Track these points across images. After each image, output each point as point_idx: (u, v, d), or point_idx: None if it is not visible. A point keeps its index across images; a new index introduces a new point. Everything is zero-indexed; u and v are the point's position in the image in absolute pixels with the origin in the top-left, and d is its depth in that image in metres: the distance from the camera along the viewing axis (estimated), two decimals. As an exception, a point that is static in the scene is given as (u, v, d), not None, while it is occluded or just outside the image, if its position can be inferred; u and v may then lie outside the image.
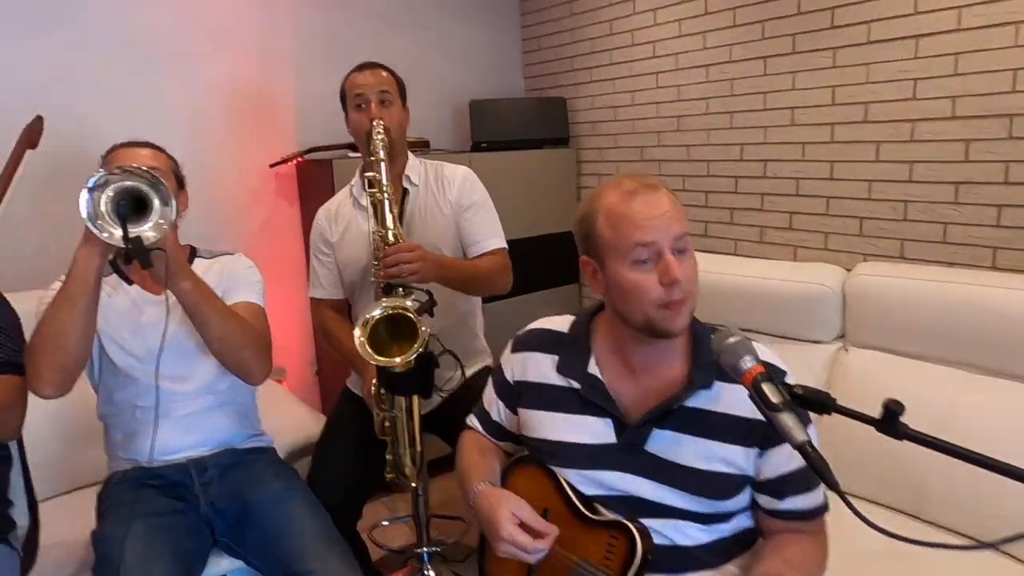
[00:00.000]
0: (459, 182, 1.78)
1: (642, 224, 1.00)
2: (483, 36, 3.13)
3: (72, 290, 1.21)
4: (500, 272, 1.75)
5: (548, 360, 1.17)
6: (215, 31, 2.45)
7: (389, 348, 1.48)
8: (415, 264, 1.48)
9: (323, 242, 1.82)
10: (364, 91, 1.68)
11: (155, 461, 1.43)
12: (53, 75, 2.16)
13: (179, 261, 1.29)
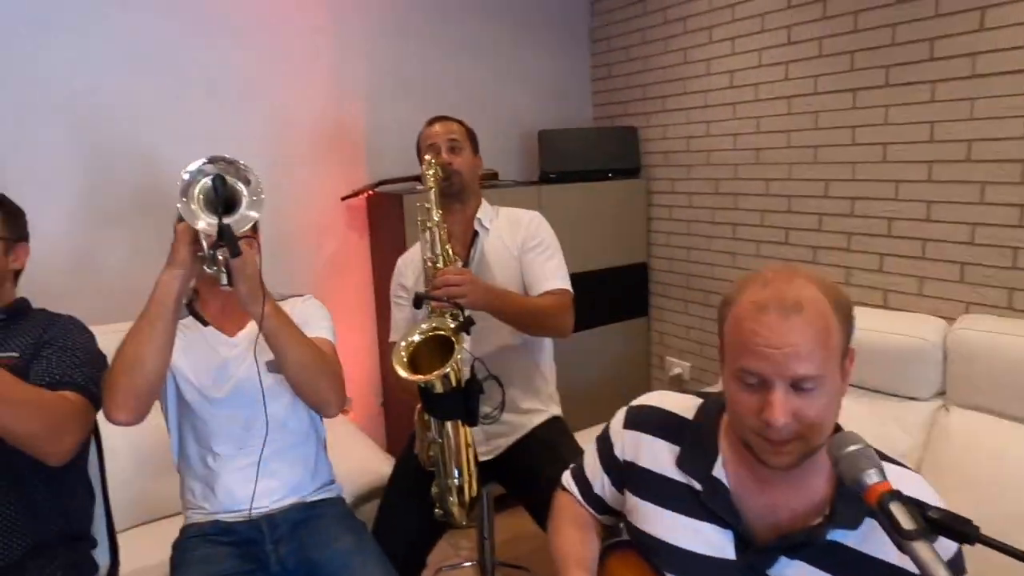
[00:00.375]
0: (526, 223, 1.77)
1: (755, 349, 0.86)
2: (552, 65, 3.10)
3: (152, 313, 1.23)
4: (558, 311, 1.67)
5: (667, 449, 1.06)
6: (289, 66, 2.50)
7: (430, 370, 1.43)
8: (463, 287, 1.45)
9: (401, 287, 1.84)
10: (434, 140, 1.75)
11: (226, 513, 1.43)
12: (141, 111, 2.24)
13: (259, 285, 1.28)
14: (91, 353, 1.36)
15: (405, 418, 2.68)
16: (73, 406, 1.26)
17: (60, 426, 1.22)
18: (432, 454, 1.53)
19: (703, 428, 1.05)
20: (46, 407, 1.20)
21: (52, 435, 1.20)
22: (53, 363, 1.30)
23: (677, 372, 3.03)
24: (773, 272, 0.92)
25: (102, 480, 1.60)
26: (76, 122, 2.16)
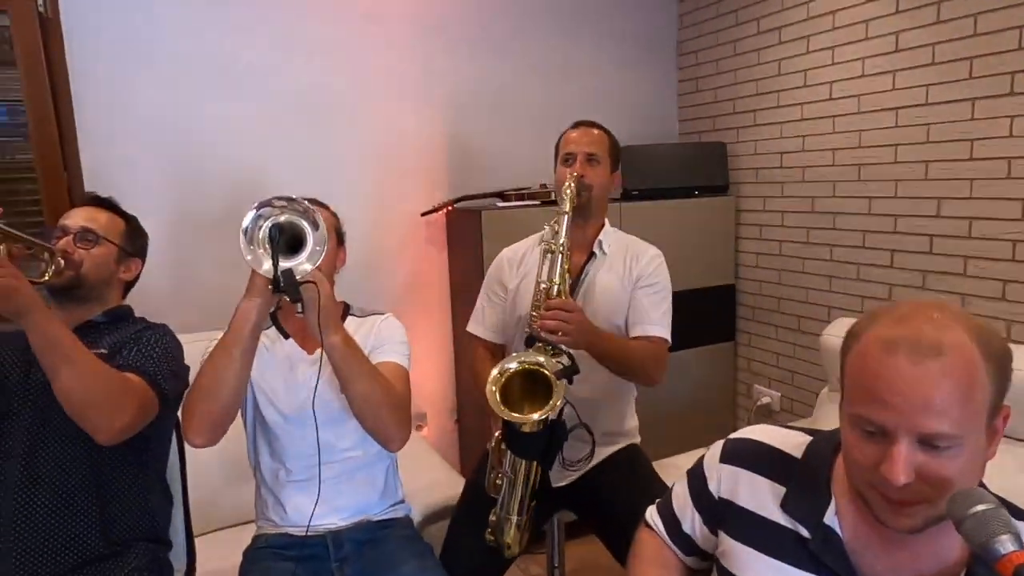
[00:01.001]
0: (647, 259, 1.72)
1: (878, 395, 0.75)
2: (637, 80, 3.02)
3: (229, 341, 1.25)
4: (654, 362, 1.64)
5: (771, 489, 0.95)
6: (375, 85, 2.54)
7: (520, 404, 1.39)
8: (571, 325, 1.41)
9: (499, 284, 1.80)
10: (573, 148, 1.69)
11: (294, 527, 1.43)
12: (232, 131, 2.33)
13: (332, 314, 1.28)
14: (170, 354, 1.39)
15: (479, 437, 2.65)
16: (133, 387, 1.27)
17: (116, 401, 1.22)
18: (499, 483, 1.49)
19: (813, 469, 0.93)
20: (106, 378, 1.21)
21: (106, 408, 1.20)
22: (130, 354, 1.34)
23: (765, 402, 2.85)
24: (912, 306, 0.79)
25: (183, 484, 1.64)
26: (172, 142, 2.26)
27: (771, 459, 0.97)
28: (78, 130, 2.14)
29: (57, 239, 1.37)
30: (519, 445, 1.40)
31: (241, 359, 1.25)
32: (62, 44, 2.09)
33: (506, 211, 2.49)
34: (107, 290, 1.44)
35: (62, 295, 1.37)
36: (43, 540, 1.29)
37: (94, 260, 1.39)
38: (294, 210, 1.20)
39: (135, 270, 1.50)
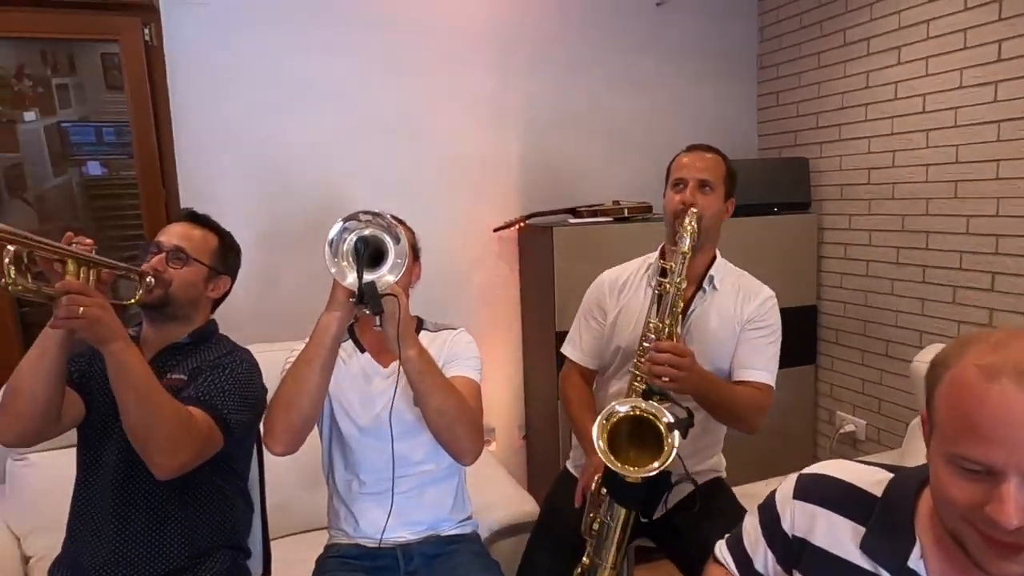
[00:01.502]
0: (760, 300, 1.64)
1: (984, 431, 0.68)
2: (714, 95, 2.96)
3: (310, 353, 1.28)
4: (757, 411, 1.58)
5: (849, 528, 0.90)
6: (452, 101, 2.59)
7: (625, 450, 1.35)
8: (680, 372, 1.37)
9: (599, 309, 1.75)
10: (684, 174, 1.60)
11: (365, 539, 1.45)
12: (317, 148, 2.43)
13: (408, 327, 1.30)
14: (244, 385, 1.39)
15: (547, 453, 2.64)
16: (196, 425, 1.27)
17: (176, 441, 1.22)
18: (595, 528, 1.46)
19: (895, 508, 0.87)
20: (171, 417, 1.22)
21: (166, 446, 1.21)
22: (204, 383, 1.35)
23: (849, 430, 2.70)
24: (1008, 332, 0.73)
25: (261, 494, 1.69)
26: (259, 160, 2.38)
27: (849, 496, 0.92)
28: (176, 145, 2.28)
29: (152, 255, 1.42)
30: (621, 493, 1.37)
31: (321, 371, 1.29)
32: (164, 69, 2.23)
33: (578, 228, 2.47)
34: (194, 309, 1.47)
35: (152, 311, 1.42)
36: (134, 553, 1.34)
37: (183, 280, 1.41)
38: (378, 224, 1.23)
39: (223, 288, 1.52)
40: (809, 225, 2.76)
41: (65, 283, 1.13)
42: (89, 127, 2.30)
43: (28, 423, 1.24)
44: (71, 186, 2.31)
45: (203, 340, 1.48)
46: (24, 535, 1.90)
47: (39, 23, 2.10)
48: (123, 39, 2.16)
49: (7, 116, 2.23)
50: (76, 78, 2.28)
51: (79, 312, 1.11)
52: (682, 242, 1.48)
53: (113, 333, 1.17)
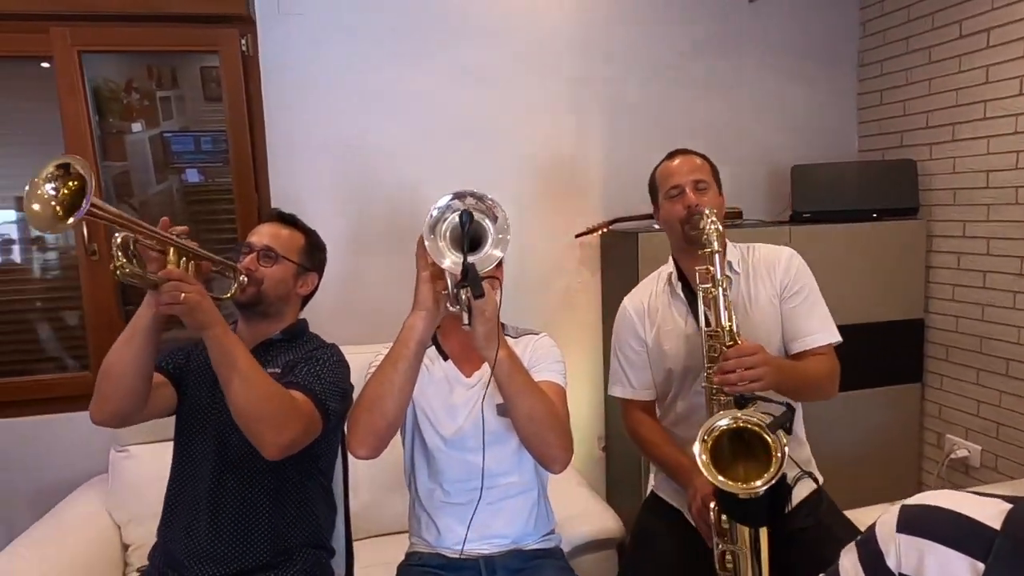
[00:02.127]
0: (784, 265, 1.59)
1: None
2: (810, 95, 2.80)
3: (395, 354, 1.26)
4: (829, 377, 1.53)
5: (966, 566, 0.81)
6: (532, 107, 2.56)
7: (732, 466, 1.27)
8: (759, 370, 1.30)
9: (635, 338, 1.68)
10: (678, 180, 1.59)
11: (446, 549, 1.43)
12: (399, 152, 2.45)
13: (496, 327, 1.24)
14: (336, 375, 1.44)
15: (627, 465, 2.55)
16: (299, 406, 1.31)
17: (282, 418, 1.26)
18: (730, 565, 1.34)
19: (1018, 542, 0.77)
20: (275, 395, 1.26)
21: (273, 424, 1.25)
22: (299, 373, 1.40)
23: (961, 455, 2.48)
24: None
25: (345, 495, 1.70)
26: (345, 164, 2.42)
27: (962, 529, 0.81)
28: (268, 150, 2.35)
29: (244, 255, 1.48)
30: (743, 512, 1.28)
31: (405, 373, 1.26)
32: (259, 79, 2.31)
33: (664, 234, 2.38)
34: (285, 305, 1.53)
35: (246, 309, 1.48)
36: (223, 547, 1.38)
37: (274, 278, 1.47)
38: (479, 208, 1.18)
39: (312, 284, 1.58)
40: (916, 232, 2.57)
41: (167, 271, 1.19)
42: (188, 136, 2.42)
43: (115, 404, 1.29)
44: (171, 192, 2.43)
45: (295, 337, 1.53)
46: (124, 523, 1.99)
47: (146, 37, 2.22)
48: (222, 50, 2.25)
49: (117, 127, 2.37)
50: (178, 91, 2.39)
51: (180, 298, 1.16)
52: (710, 243, 1.43)
53: (212, 319, 1.21)
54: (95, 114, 2.29)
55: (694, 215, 1.52)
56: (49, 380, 2.34)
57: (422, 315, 1.24)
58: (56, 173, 1.06)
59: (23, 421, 2.26)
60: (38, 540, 1.81)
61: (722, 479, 1.21)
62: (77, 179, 1.05)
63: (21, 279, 2.40)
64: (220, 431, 1.41)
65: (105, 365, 1.28)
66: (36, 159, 2.29)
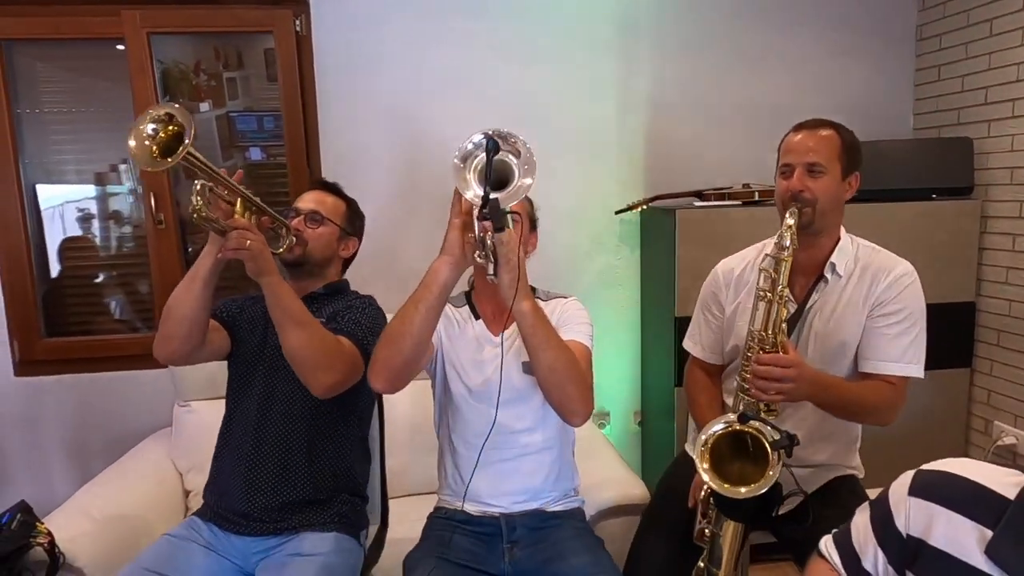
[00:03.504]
0: (892, 279, 1.47)
1: None
2: (863, 71, 2.72)
3: (418, 295, 1.29)
4: (887, 408, 1.45)
5: (973, 530, 0.83)
6: (576, 83, 2.59)
7: (730, 464, 1.32)
8: (785, 385, 1.30)
9: (715, 303, 1.67)
10: (791, 159, 1.47)
11: (470, 504, 1.50)
12: (446, 128, 2.50)
13: (524, 281, 1.26)
14: (376, 321, 1.55)
15: (663, 440, 2.59)
16: (343, 348, 1.44)
17: (331, 359, 1.39)
18: (707, 537, 1.43)
19: None
20: (324, 339, 1.40)
21: (323, 364, 1.38)
22: (342, 320, 1.52)
23: (1009, 442, 2.42)
24: None
25: (381, 449, 1.81)
26: (394, 138, 2.51)
27: (975, 497, 0.84)
28: (320, 127, 2.45)
29: (291, 219, 1.59)
30: (729, 507, 1.33)
31: (426, 313, 1.28)
32: (312, 58, 2.41)
33: (704, 211, 2.39)
34: (328, 266, 1.65)
35: (293, 268, 1.60)
36: (265, 479, 1.51)
37: (319, 239, 1.60)
38: (505, 148, 1.19)
39: (353, 248, 1.70)
40: (970, 212, 2.48)
41: (236, 220, 1.33)
42: (251, 116, 2.55)
43: (176, 343, 1.43)
44: (236, 170, 2.57)
45: (337, 292, 1.65)
46: (185, 471, 2.16)
47: (207, 19, 2.35)
48: (276, 30, 2.36)
49: (186, 108, 2.51)
50: (243, 72, 2.52)
51: (246, 244, 1.30)
52: (783, 245, 1.36)
53: (271, 267, 1.35)
54: (164, 94, 2.44)
55: (797, 201, 1.43)
56: (122, 340, 2.54)
57: (447, 260, 1.26)
58: (161, 117, 1.20)
59: (100, 376, 2.47)
60: (109, 484, 1.99)
61: (708, 476, 1.28)
62: (177, 127, 1.18)
63: (100, 249, 2.60)
64: (268, 377, 1.54)
65: (167, 306, 1.42)
66: (113, 136, 2.49)
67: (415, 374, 1.39)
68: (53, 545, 1.58)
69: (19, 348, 2.44)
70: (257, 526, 1.50)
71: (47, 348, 2.46)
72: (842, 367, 1.51)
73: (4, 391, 2.44)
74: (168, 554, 1.43)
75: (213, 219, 1.30)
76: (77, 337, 2.53)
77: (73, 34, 2.32)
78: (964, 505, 0.84)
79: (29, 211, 2.44)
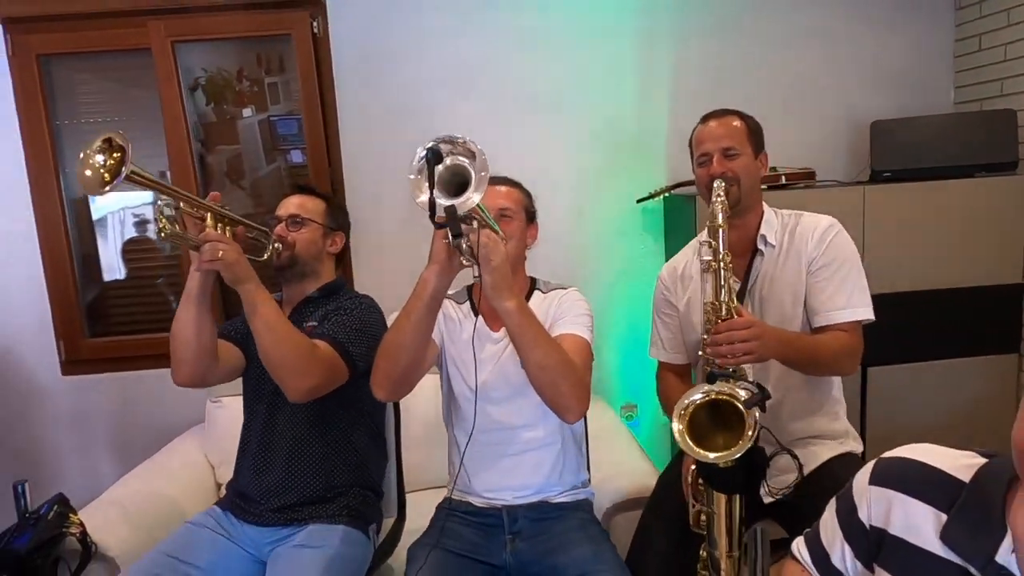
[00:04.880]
0: (818, 235, 1.53)
1: None
2: (898, 41, 2.60)
3: (409, 306, 1.30)
4: (845, 355, 1.48)
5: (929, 515, 0.80)
6: (596, 71, 2.55)
7: (712, 436, 1.30)
8: (750, 343, 1.31)
9: (667, 304, 1.72)
10: (707, 147, 1.56)
11: (475, 497, 1.51)
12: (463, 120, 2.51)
13: (507, 278, 1.24)
14: (367, 325, 1.56)
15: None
16: (320, 354, 1.45)
17: (303, 365, 1.40)
18: (703, 520, 1.41)
19: (984, 495, 0.76)
20: (298, 344, 1.41)
21: (296, 370, 1.40)
22: (327, 323, 1.54)
23: (1062, 431, 2.27)
24: None
25: (397, 443, 1.83)
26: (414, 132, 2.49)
27: (930, 481, 0.81)
28: (340, 126, 2.49)
29: (275, 226, 1.63)
30: (718, 480, 1.32)
31: (418, 324, 1.29)
32: (330, 59, 2.45)
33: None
34: (319, 265, 1.67)
35: (284, 272, 1.63)
36: (279, 482, 1.56)
37: (304, 240, 1.63)
38: (455, 152, 1.15)
39: (340, 243, 1.72)
40: (1016, 189, 2.35)
41: (205, 233, 1.35)
42: (292, 120, 2.60)
43: (189, 367, 1.48)
44: (279, 172, 2.64)
45: (332, 293, 1.67)
46: (217, 465, 2.24)
47: (228, 25, 2.41)
48: (294, 32, 2.40)
49: (230, 113, 2.60)
50: (284, 76, 2.58)
51: (219, 255, 1.32)
52: (715, 218, 1.43)
53: (247, 275, 1.37)
54: (208, 101, 2.53)
55: (722, 183, 1.49)
56: (161, 339, 2.60)
57: (435, 269, 1.26)
58: (102, 147, 1.22)
59: (140, 374, 2.58)
60: (144, 477, 2.08)
61: (692, 447, 1.26)
62: (118, 150, 1.21)
63: (154, 252, 2.68)
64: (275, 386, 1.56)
65: (172, 332, 1.47)
66: (148, 142, 2.58)
67: (416, 380, 1.41)
68: (85, 535, 1.66)
69: (64, 348, 2.57)
70: (269, 516, 1.55)
71: (91, 348, 2.58)
72: (796, 330, 1.55)
73: (53, 389, 2.57)
74: (185, 540, 1.50)
75: (181, 236, 1.35)
76: (117, 337, 2.64)
77: (104, 47, 2.41)
78: (920, 490, 0.81)
79: (72, 220, 2.56)
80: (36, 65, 2.42)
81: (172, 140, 2.44)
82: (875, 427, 2.34)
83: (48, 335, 2.55)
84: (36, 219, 2.49)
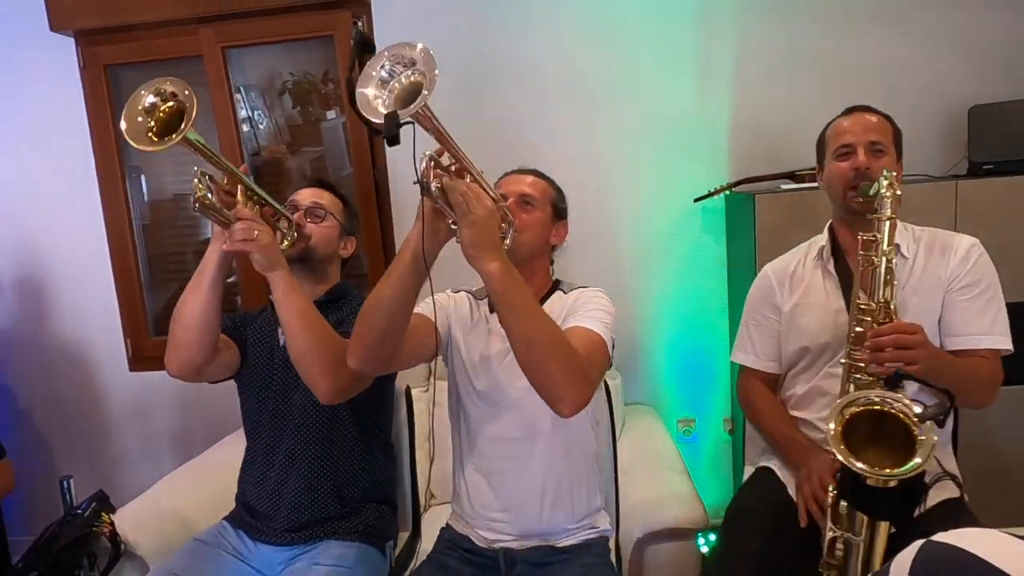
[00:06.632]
0: (962, 253, 1.45)
1: None
2: (997, 20, 2.27)
3: (390, 267, 1.18)
4: (988, 385, 1.41)
5: None
6: (650, 62, 2.39)
7: (863, 450, 1.18)
8: (917, 351, 1.22)
9: (770, 306, 1.61)
10: (851, 138, 1.46)
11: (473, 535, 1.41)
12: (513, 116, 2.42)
13: (489, 234, 1.08)
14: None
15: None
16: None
17: (337, 362, 1.29)
18: (839, 551, 1.25)
19: None
20: (330, 339, 1.33)
21: (329, 366, 1.31)
22: (349, 325, 1.41)
23: None
24: None
25: (411, 452, 1.77)
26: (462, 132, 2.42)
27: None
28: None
29: (291, 214, 1.53)
30: (868, 502, 1.19)
31: (396, 284, 1.16)
32: (375, 57, 2.41)
33: (789, 195, 2.12)
34: (329, 265, 1.60)
35: (296, 264, 1.52)
36: (291, 501, 1.50)
37: (322, 234, 1.55)
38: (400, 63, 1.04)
39: (351, 248, 1.64)
40: None
41: (240, 210, 1.27)
42: None
43: (186, 352, 1.41)
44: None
45: (340, 297, 1.59)
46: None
47: (274, 29, 2.43)
48: (337, 32, 2.38)
49: (315, 116, 2.63)
50: None
51: (254, 235, 1.25)
52: (883, 208, 1.32)
53: (280, 259, 1.30)
54: (294, 105, 2.57)
55: (863, 180, 1.40)
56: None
57: (417, 227, 1.12)
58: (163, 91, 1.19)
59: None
60: (184, 477, 2.11)
61: (856, 462, 1.14)
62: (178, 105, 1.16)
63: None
64: (282, 390, 1.52)
65: (175, 312, 1.40)
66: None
67: (392, 355, 1.24)
68: (114, 534, 1.70)
69: (131, 346, 2.68)
70: (283, 536, 1.50)
71: (154, 346, 2.69)
72: None
73: (121, 385, 2.70)
74: (193, 559, 1.46)
75: (217, 208, 1.26)
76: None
77: (160, 55, 2.48)
78: None
79: (138, 224, 2.67)
80: (104, 75, 2.53)
81: (224, 141, 2.49)
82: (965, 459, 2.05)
83: (117, 332, 2.68)
84: (105, 222, 2.62)
